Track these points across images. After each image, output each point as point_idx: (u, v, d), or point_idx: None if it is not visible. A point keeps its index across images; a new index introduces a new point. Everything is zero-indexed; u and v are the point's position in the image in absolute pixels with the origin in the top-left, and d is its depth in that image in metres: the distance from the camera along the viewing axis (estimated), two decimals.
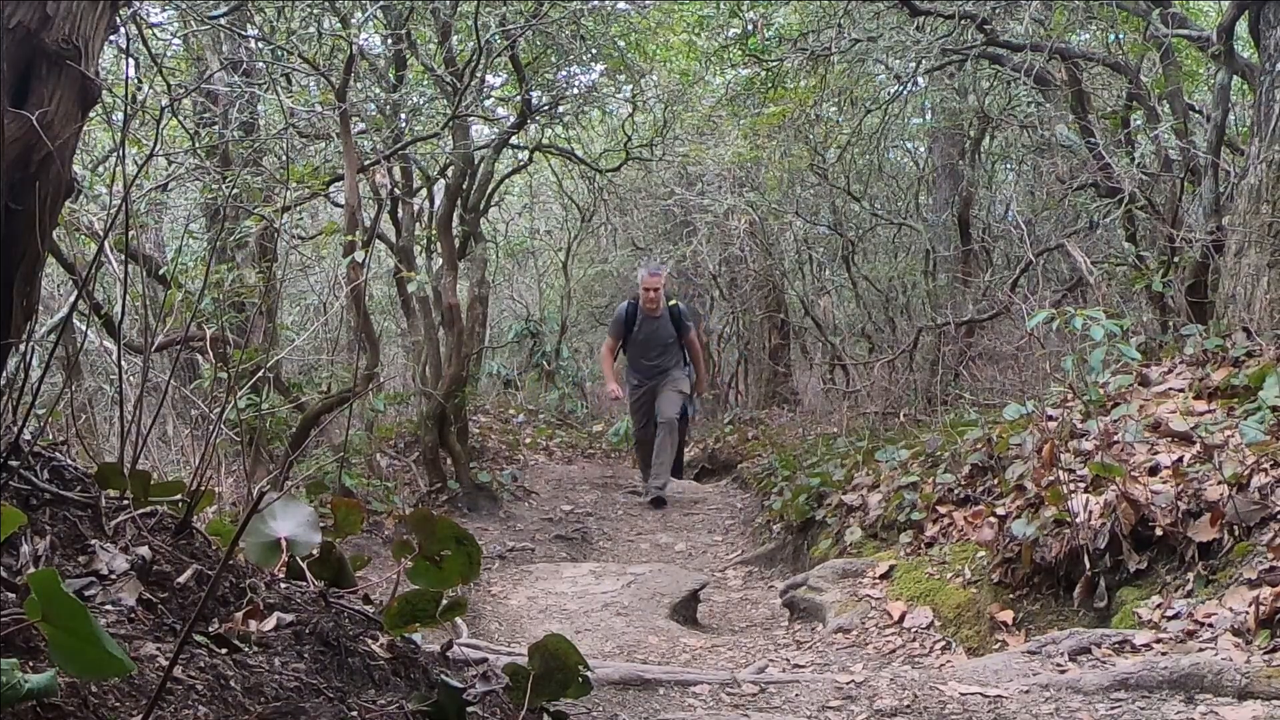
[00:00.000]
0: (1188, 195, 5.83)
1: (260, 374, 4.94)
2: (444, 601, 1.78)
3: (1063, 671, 2.57)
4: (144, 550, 1.66)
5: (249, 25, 6.15)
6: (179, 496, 1.90)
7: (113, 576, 1.56)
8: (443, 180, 7.50)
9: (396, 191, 7.65)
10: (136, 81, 5.46)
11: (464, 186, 7.18)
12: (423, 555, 1.77)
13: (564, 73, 8.19)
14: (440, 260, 7.15)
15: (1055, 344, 6.36)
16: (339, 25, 5.85)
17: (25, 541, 1.52)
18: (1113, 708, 2.22)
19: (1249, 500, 2.97)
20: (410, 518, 1.83)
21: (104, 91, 2.20)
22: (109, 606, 1.50)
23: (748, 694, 2.54)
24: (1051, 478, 3.63)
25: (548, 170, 11.28)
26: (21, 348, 1.74)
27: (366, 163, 6.33)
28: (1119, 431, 3.78)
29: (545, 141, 9.17)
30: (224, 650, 1.51)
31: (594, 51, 7.73)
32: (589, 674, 1.75)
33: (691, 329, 8.00)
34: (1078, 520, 3.32)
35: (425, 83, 7.16)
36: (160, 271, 6.53)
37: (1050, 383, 5.29)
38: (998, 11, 6.43)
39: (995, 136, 9.98)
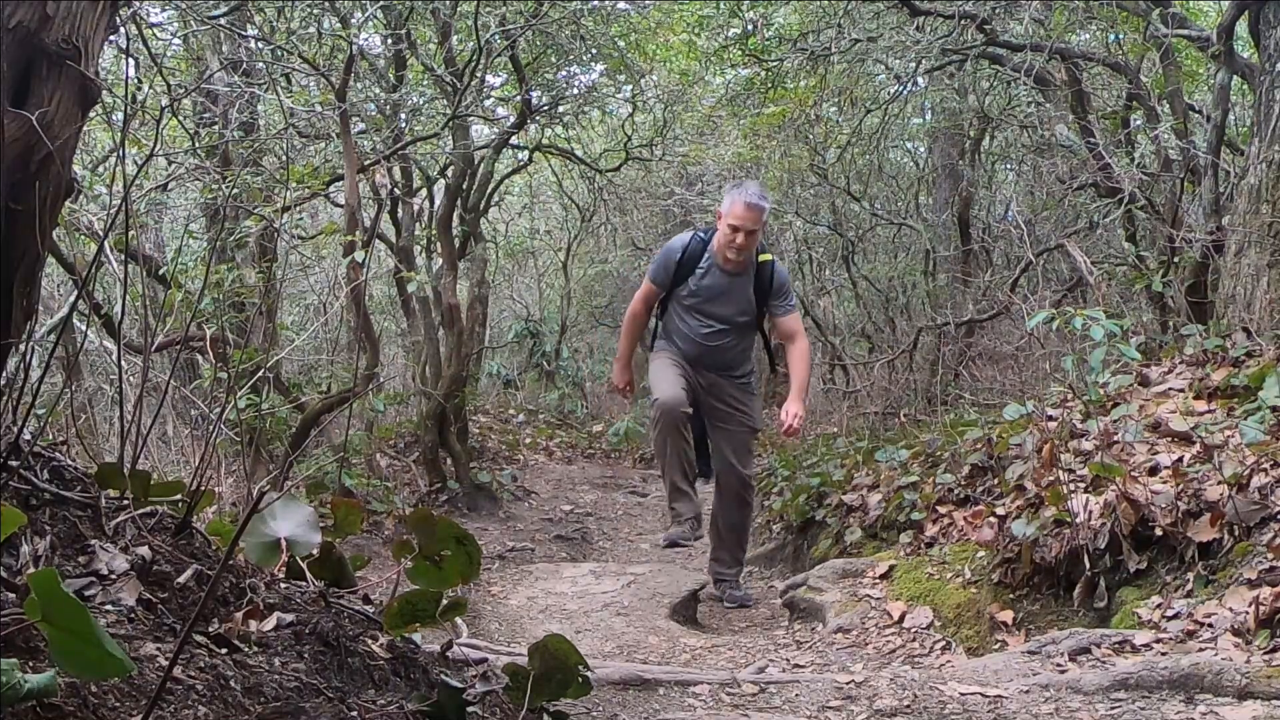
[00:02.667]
0: (1188, 195, 5.83)
1: (260, 374, 4.94)
2: (444, 601, 1.78)
3: (1063, 671, 2.57)
4: (144, 550, 1.66)
5: (249, 25, 6.15)
6: (179, 496, 1.90)
7: (113, 576, 1.56)
8: (443, 180, 7.51)
9: (396, 191, 7.66)
10: (136, 81, 5.46)
11: (464, 186, 7.18)
12: (423, 555, 1.77)
13: (564, 73, 8.20)
14: (440, 260, 7.16)
15: (1055, 344, 6.36)
16: (339, 25, 5.86)
17: (25, 541, 1.52)
18: (1113, 708, 2.22)
19: (1249, 500, 2.97)
20: (410, 518, 1.83)
21: (104, 91, 2.20)
22: (109, 606, 1.50)
23: (748, 694, 2.54)
24: (1051, 478, 3.63)
25: (548, 170, 11.28)
26: (21, 348, 1.74)
27: (366, 163, 6.34)
28: (1119, 431, 3.78)
29: (545, 141, 9.17)
30: (224, 650, 1.51)
31: (594, 51, 7.73)
32: (589, 674, 1.75)
33: (793, 307, 4.80)
34: (1078, 520, 3.32)
35: (425, 83, 7.16)
36: (160, 271, 6.53)
37: (1050, 383, 5.29)
38: (998, 11, 6.43)
39: (995, 136, 9.98)
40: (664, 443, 4.61)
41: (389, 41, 6.96)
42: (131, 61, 5.03)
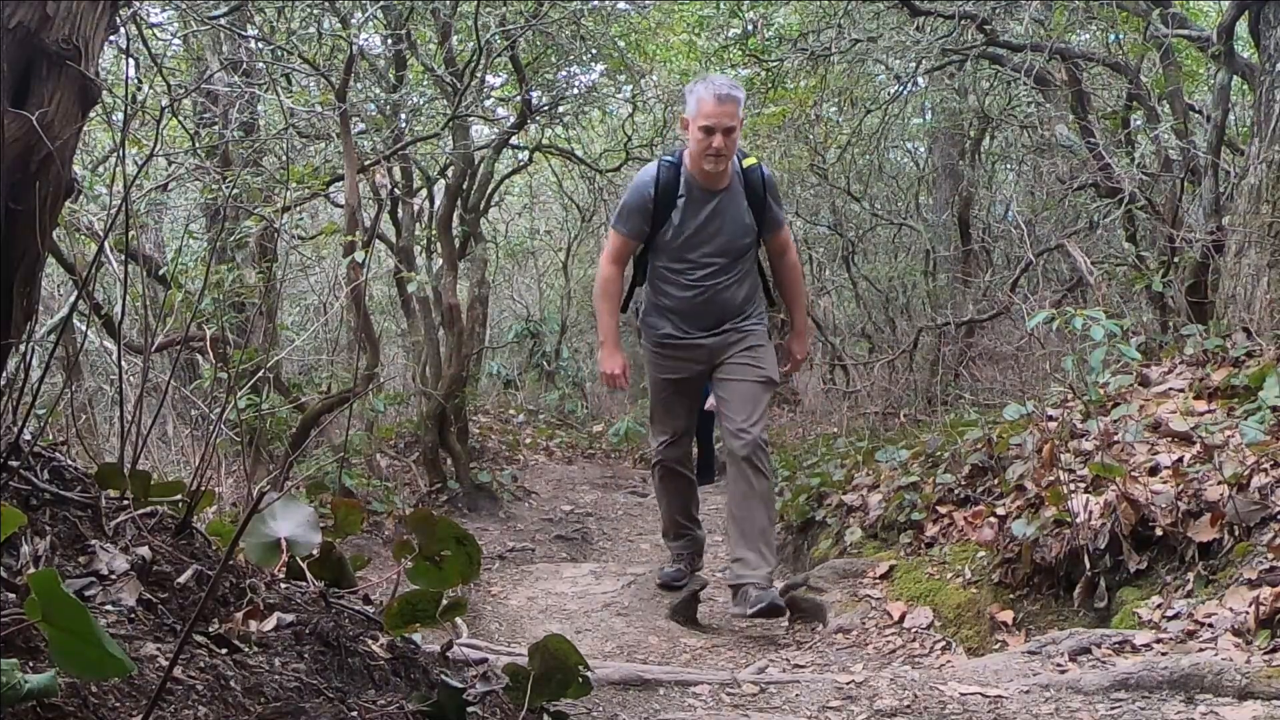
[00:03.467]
0: (1188, 195, 5.83)
1: (260, 374, 4.94)
2: (444, 601, 1.78)
3: (1063, 671, 2.57)
4: (144, 550, 1.66)
5: (249, 25, 6.15)
6: (179, 496, 1.90)
7: (113, 576, 1.56)
8: (443, 180, 7.51)
9: (396, 191, 7.66)
10: (136, 81, 5.47)
11: (464, 186, 7.18)
12: (423, 555, 1.77)
13: (564, 73, 8.20)
14: (440, 260, 7.16)
15: (1055, 344, 6.36)
16: (339, 25, 5.86)
17: (25, 541, 1.52)
18: (1113, 708, 2.21)
19: (1249, 500, 2.97)
20: (410, 518, 1.83)
21: (104, 91, 2.20)
22: (109, 606, 1.50)
23: (748, 694, 2.54)
24: (1051, 478, 3.63)
25: (548, 170, 11.29)
26: (21, 348, 1.74)
27: (366, 163, 6.34)
28: (1119, 431, 3.78)
29: (545, 141, 9.18)
30: (224, 650, 1.51)
31: (594, 51, 7.73)
32: (589, 674, 1.75)
33: (784, 220, 4.13)
34: (1078, 520, 3.32)
35: (425, 83, 7.16)
36: (160, 271, 6.54)
37: (1050, 383, 5.29)
38: (998, 11, 6.43)
39: (995, 136, 9.99)
40: (665, 487, 4.23)
41: (389, 41, 6.96)
42: (131, 61, 5.03)
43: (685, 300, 3.93)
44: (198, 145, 6.12)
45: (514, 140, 8.01)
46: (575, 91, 8.38)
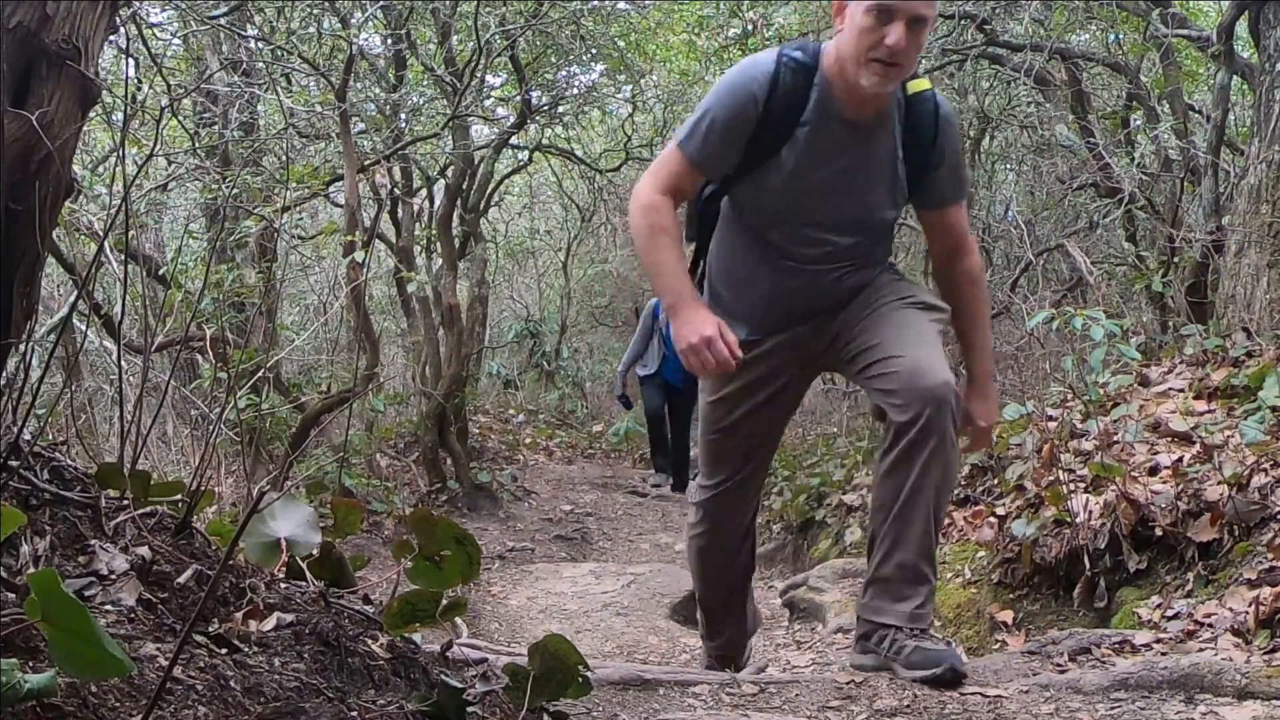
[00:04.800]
0: (1188, 195, 5.83)
1: (260, 374, 4.94)
2: (444, 601, 1.77)
3: (1063, 671, 2.57)
4: (144, 550, 1.66)
5: (249, 25, 6.15)
6: (179, 496, 1.89)
7: (113, 576, 1.56)
8: (443, 180, 7.51)
9: (396, 191, 7.66)
10: (136, 81, 5.47)
11: (464, 186, 7.19)
12: (423, 555, 1.77)
13: (564, 73, 8.21)
14: (440, 260, 7.16)
15: (1055, 344, 6.36)
16: (339, 25, 5.86)
17: (25, 541, 1.52)
18: (1113, 708, 2.21)
19: (1249, 500, 2.97)
20: (410, 518, 1.83)
21: (104, 91, 2.20)
22: (109, 606, 1.50)
23: (748, 694, 2.54)
24: (1051, 478, 3.63)
25: (548, 170, 11.29)
26: (21, 348, 1.74)
27: (366, 163, 6.34)
28: (1119, 431, 3.78)
29: (545, 141, 9.18)
30: (224, 650, 1.51)
31: (594, 51, 7.74)
32: (589, 674, 1.74)
33: (966, 191, 2.57)
34: (1078, 520, 3.32)
35: (425, 83, 7.16)
36: (160, 271, 6.54)
37: (1050, 383, 5.29)
38: (998, 11, 6.43)
39: (995, 136, 9.98)
40: (706, 565, 2.84)
41: (389, 41, 6.97)
42: (131, 61, 5.03)
43: (778, 293, 2.41)
44: (198, 145, 6.12)
45: (514, 140, 8.02)
46: (575, 91, 8.39)
